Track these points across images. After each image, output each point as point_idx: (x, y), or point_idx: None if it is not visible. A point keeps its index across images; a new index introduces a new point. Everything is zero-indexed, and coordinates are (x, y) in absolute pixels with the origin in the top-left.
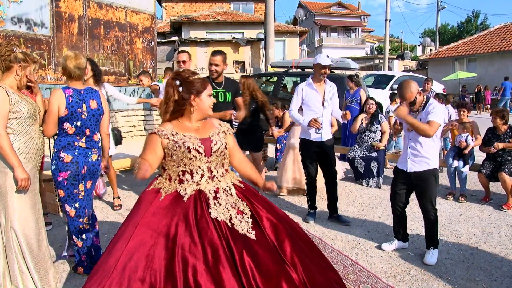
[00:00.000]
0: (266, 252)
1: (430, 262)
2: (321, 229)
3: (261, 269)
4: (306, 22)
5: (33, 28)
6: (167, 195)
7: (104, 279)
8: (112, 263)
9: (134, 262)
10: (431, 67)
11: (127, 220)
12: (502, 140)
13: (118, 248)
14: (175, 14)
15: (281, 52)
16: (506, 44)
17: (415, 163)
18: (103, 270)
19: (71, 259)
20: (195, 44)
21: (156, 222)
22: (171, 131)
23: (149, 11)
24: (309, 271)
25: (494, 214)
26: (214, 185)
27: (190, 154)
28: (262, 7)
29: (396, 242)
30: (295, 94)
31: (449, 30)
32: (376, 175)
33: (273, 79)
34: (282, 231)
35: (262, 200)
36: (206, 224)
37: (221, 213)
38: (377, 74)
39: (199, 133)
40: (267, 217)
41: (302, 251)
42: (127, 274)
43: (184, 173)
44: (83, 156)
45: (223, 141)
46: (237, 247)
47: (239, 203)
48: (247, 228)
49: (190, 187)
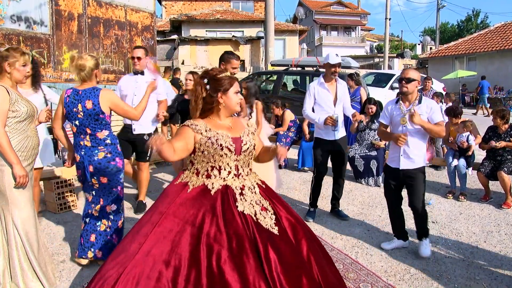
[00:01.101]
0: (288, 247)
1: (425, 253)
2: (321, 227)
3: (283, 263)
4: (306, 20)
5: (33, 27)
6: (195, 187)
7: (126, 261)
8: (136, 248)
9: (159, 246)
10: (431, 65)
11: (152, 209)
12: (502, 139)
13: (142, 234)
14: (175, 12)
15: (281, 51)
16: (506, 42)
17: (408, 161)
18: (126, 254)
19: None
20: (195, 42)
21: (183, 212)
22: (205, 127)
23: (148, 10)
24: (323, 271)
25: (494, 213)
26: (240, 183)
27: (222, 152)
28: (262, 5)
29: (396, 241)
30: (307, 94)
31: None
32: (376, 174)
33: (273, 77)
34: (300, 231)
35: (282, 201)
36: (232, 216)
37: (247, 208)
38: (377, 72)
39: (231, 131)
40: (286, 217)
41: (317, 252)
42: (152, 257)
43: (212, 168)
44: (88, 156)
45: (252, 142)
46: (262, 239)
47: (263, 201)
48: (271, 224)
49: (217, 182)
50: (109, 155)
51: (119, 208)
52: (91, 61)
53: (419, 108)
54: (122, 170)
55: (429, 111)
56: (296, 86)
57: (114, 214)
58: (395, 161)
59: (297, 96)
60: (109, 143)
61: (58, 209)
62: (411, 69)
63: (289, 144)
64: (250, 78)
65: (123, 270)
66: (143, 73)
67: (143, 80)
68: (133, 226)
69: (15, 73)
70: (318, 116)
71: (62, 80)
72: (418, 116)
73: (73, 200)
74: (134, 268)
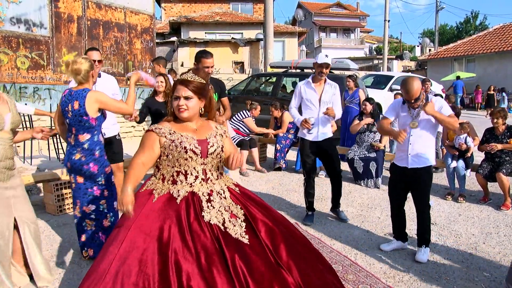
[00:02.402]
0: (259, 257)
1: (422, 259)
2: (320, 229)
3: (253, 273)
4: (305, 22)
5: (32, 29)
6: (160, 196)
7: (98, 283)
8: (105, 267)
9: (127, 266)
10: (430, 67)
11: (120, 222)
12: (500, 141)
13: (111, 251)
14: (174, 14)
15: (280, 53)
16: (505, 44)
17: (416, 159)
18: (97, 274)
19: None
20: (194, 44)
21: (149, 225)
22: (169, 129)
23: (148, 12)
24: (305, 275)
25: (493, 215)
26: (208, 188)
27: (186, 155)
28: (261, 7)
29: (395, 242)
30: (294, 93)
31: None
32: (375, 176)
33: (272, 79)
34: (278, 235)
35: (258, 203)
36: (200, 227)
37: (214, 217)
38: (376, 74)
39: (197, 134)
40: (263, 221)
41: (299, 255)
42: (120, 279)
43: (178, 173)
44: (69, 153)
45: (220, 144)
46: (229, 251)
47: (233, 207)
48: (240, 232)
49: (183, 188)
50: (83, 159)
51: (99, 207)
52: (86, 63)
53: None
54: (99, 175)
55: (438, 107)
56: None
57: (96, 214)
58: (403, 160)
59: None
60: (86, 148)
61: (57, 211)
62: (412, 81)
63: (288, 146)
64: None
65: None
66: (99, 76)
67: (100, 82)
68: (107, 239)
69: None
70: (298, 116)
71: (61, 82)
72: (431, 105)
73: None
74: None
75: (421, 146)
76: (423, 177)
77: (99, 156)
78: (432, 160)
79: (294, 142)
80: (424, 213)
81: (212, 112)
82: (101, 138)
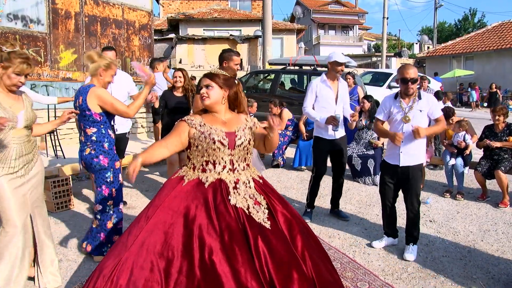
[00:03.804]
0: (279, 242)
1: (410, 258)
2: (319, 227)
3: (274, 256)
4: (304, 19)
5: (29, 25)
6: (190, 181)
7: (122, 252)
8: (131, 240)
9: (153, 238)
10: (428, 65)
11: (149, 204)
12: (499, 138)
13: (138, 227)
14: (172, 11)
15: (279, 50)
16: (503, 42)
17: (407, 157)
18: (122, 245)
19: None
20: (193, 41)
21: (177, 204)
22: (199, 121)
23: (146, 8)
24: (317, 268)
25: (491, 212)
26: (235, 177)
27: (214, 145)
28: (260, 4)
29: (386, 239)
30: (309, 91)
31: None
32: (373, 173)
33: (271, 76)
34: (295, 226)
35: (279, 196)
36: (225, 209)
37: (240, 201)
38: (374, 71)
39: (226, 126)
40: (282, 212)
41: (312, 248)
42: (145, 248)
43: (207, 163)
44: (80, 151)
45: (248, 137)
46: (253, 233)
47: (256, 195)
48: (263, 218)
49: (211, 175)
50: (93, 152)
51: (105, 208)
52: (102, 60)
53: (419, 103)
54: (108, 169)
55: (430, 105)
56: (293, 85)
57: (101, 214)
58: (393, 158)
59: (294, 95)
60: (95, 140)
61: (55, 208)
62: (410, 66)
63: (286, 143)
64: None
65: (118, 261)
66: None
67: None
68: (135, 218)
69: (4, 78)
70: (319, 114)
71: (59, 79)
72: (422, 130)
73: (70, 199)
74: (128, 259)
75: (412, 144)
76: (414, 175)
77: (109, 148)
78: (423, 158)
79: (292, 139)
80: (413, 211)
81: (242, 106)
82: (110, 132)
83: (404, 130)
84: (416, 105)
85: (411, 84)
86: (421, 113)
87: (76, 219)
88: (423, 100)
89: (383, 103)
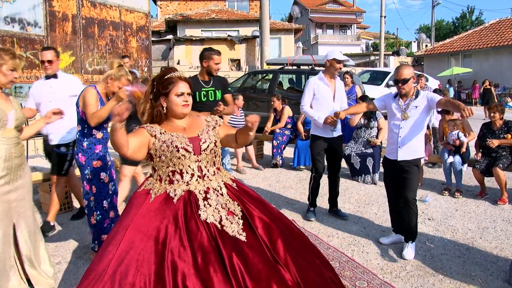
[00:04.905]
0: (256, 254)
1: (409, 256)
2: (317, 226)
3: (251, 271)
4: (302, 19)
5: (27, 28)
6: (157, 196)
7: (96, 283)
8: (104, 267)
9: (125, 266)
10: (426, 63)
11: (118, 222)
12: (497, 136)
13: (109, 251)
14: (170, 12)
15: (277, 50)
16: (501, 39)
17: (405, 152)
18: (95, 274)
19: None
20: (190, 42)
21: (146, 225)
22: (159, 129)
23: (143, 10)
24: (303, 271)
25: (489, 209)
26: (205, 185)
27: (179, 153)
28: (257, 4)
29: (393, 236)
30: (306, 89)
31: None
32: (372, 172)
33: (269, 76)
34: (275, 230)
35: (256, 199)
36: (196, 226)
37: (211, 215)
38: (372, 70)
39: (187, 132)
40: (260, 217)
41: (296, 250)
42: (118, 279)
43: (174, 173)
44: None
45: (213, 139)
46: (226, 250)
47: (230, 204)
48: (238, 230)
49: (180, 187)
50: (76, 149)
51: (89, 203)
52: (116, 70)
53: (415, 101)
54: (86, 167)
55: (427, 99)
56: (291, 85)
57: (87, 209)
58: (393, 153)
59: (292, 94)
60: (77, 138)
61: None
62: (404, 66)
63: (285, 142)
64: None
65: None
66: (56, 76)
67: (58, 84)
68: (105, 239)
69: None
70: (317, 114)
71: None
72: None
73: (69, 201)
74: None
75: (410, 139)
76: (410, 170)
77: (87, 147)
78: (421, 153)
79: (291, 139)
80: (410, 207)
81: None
82: (95, 132)
83: (401, 127)
84: (413, 102)
85: (401, 85)
86: (417, 109)
87: (75, 221)
88: (419, 98)
89: (386, 95)
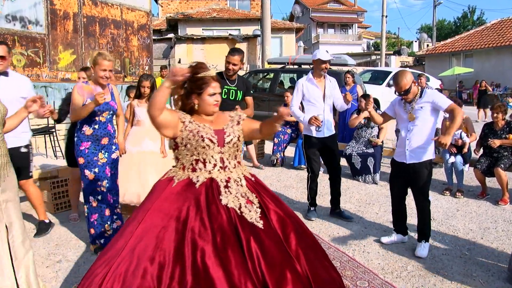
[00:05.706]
0: (272, 242)
1: (422, 254)
2: (318, 225)
3: (267, 257)
4: (303, 18)
5: (28, 26)
6: (180, 181)
7: (113, 259)
8: (122, 245)
9: (144, 243)
10: (428, 62)
11: (139, 207)
12: (499, 136)
13: (128, 231)
14: (171, 11)
15: (278, 49)
16: (502, 39)
17: (414, 154)
18: (113, 251)
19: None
20: (192, 41)
21: (168, 206)
22: (189, 119)
23: (144, 8)
24: (312, 266)
25: (491, 210)
26: (226, 175)
27: (204, 143)
28: (259, 3)
29: (395, 236)
30: (295, 90)
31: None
32: (373, 171)
33: (270, 75)
34: (289, 225)
35: (271, 194)
36: (217, 209)
37: (231, 201)
38: (374, 70)
39: (213, 124)
40: (275, 210)
41: (308, 247)
42: (137, 254)
43: (197, 161)
44: None
45: (237, 134)
46: (245, 234)
47: (248, 194)
48: (256, 218)
49: (202, 175)
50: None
51: (87, 200)
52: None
53: (421, 102)
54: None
55: (431, 99)
56: (292, 84)
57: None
58: (401, 156)
59: None
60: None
61: (54, 209)
62: (402, 74)
63: (286, 141)
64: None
65: (109, 268)
66: (6, 74)
67: (7, 82)
68: (124, 222)
69: None
70: (303, 114)
71: (58, 79)
72: (444, 138)
73: (69, 200)
74: (120, 265)
75: (418, 141)
76: (421, 172)
77: (75, 143)
78: (431, 155)
79: (292, 138)
80: (423, 209)
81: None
82: (85, 128)
83: (409, 129)
84: (418, 103)
85: (404, 95)
86: (422, 109)
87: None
88: (424, 97)
89: (392, 102)
